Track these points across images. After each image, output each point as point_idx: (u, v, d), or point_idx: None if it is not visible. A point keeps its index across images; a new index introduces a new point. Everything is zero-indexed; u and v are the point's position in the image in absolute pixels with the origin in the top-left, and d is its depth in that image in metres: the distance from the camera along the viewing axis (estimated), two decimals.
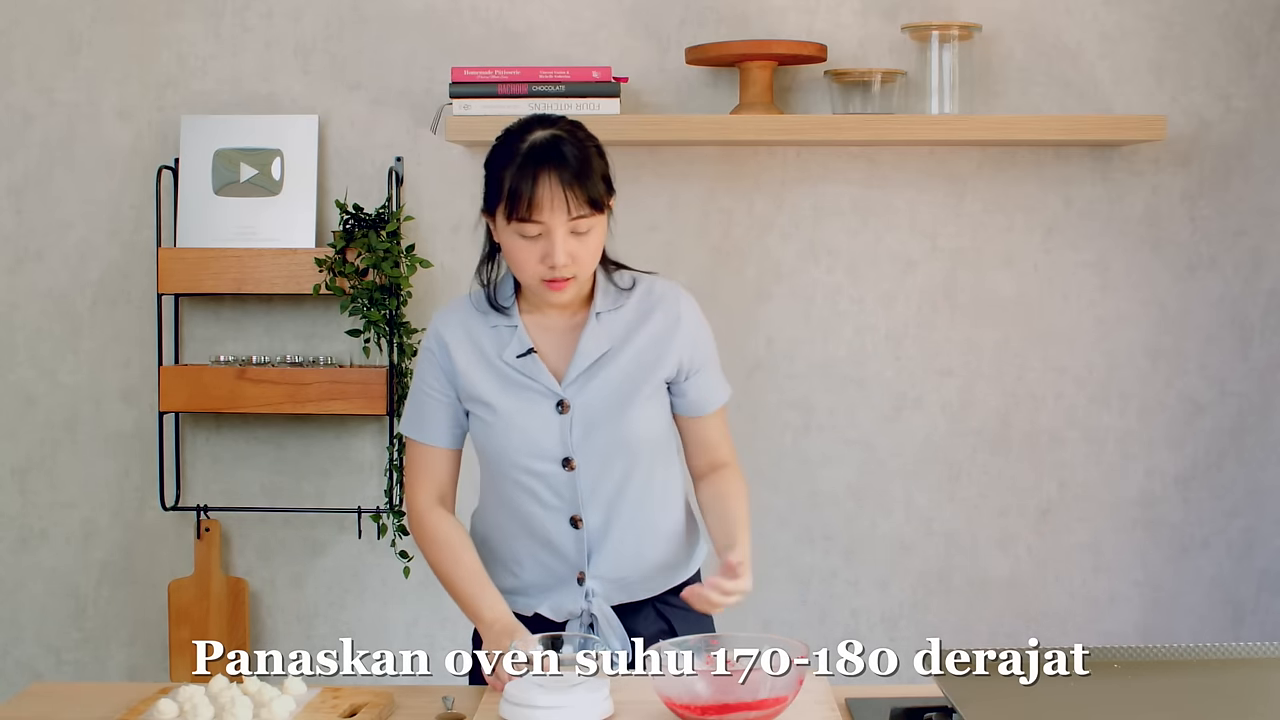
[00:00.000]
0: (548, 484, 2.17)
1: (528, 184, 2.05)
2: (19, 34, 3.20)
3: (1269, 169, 3.16)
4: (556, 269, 2.08)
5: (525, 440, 2.16)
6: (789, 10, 3.14)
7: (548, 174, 2.05)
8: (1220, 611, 3.22)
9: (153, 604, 3.27)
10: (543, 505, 2.19)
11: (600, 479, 2.17)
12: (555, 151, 2.07)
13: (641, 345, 2.18)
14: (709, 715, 1.83)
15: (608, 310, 2.18)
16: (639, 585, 2.24)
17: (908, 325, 3.20)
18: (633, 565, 2.22)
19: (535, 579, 2.23)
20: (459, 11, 3.16)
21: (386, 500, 3.18)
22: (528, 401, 2.16)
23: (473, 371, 2.18)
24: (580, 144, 2.10)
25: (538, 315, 2.20)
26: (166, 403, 3.13)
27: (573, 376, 2.16)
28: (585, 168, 2.07)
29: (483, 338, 2.19)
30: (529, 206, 2.06)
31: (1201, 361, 3.19)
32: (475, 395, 2.18)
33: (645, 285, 2.23)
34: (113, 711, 2.01)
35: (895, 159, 3.17)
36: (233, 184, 3.15)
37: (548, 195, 2.05)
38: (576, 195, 2.06)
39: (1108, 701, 1.90)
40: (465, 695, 2.09)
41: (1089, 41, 3.14)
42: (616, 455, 2.17)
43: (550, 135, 2.09)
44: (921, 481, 3.22)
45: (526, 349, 2.16)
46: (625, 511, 2.19)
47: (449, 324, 2.22)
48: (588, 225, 2.08)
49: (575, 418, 2.15)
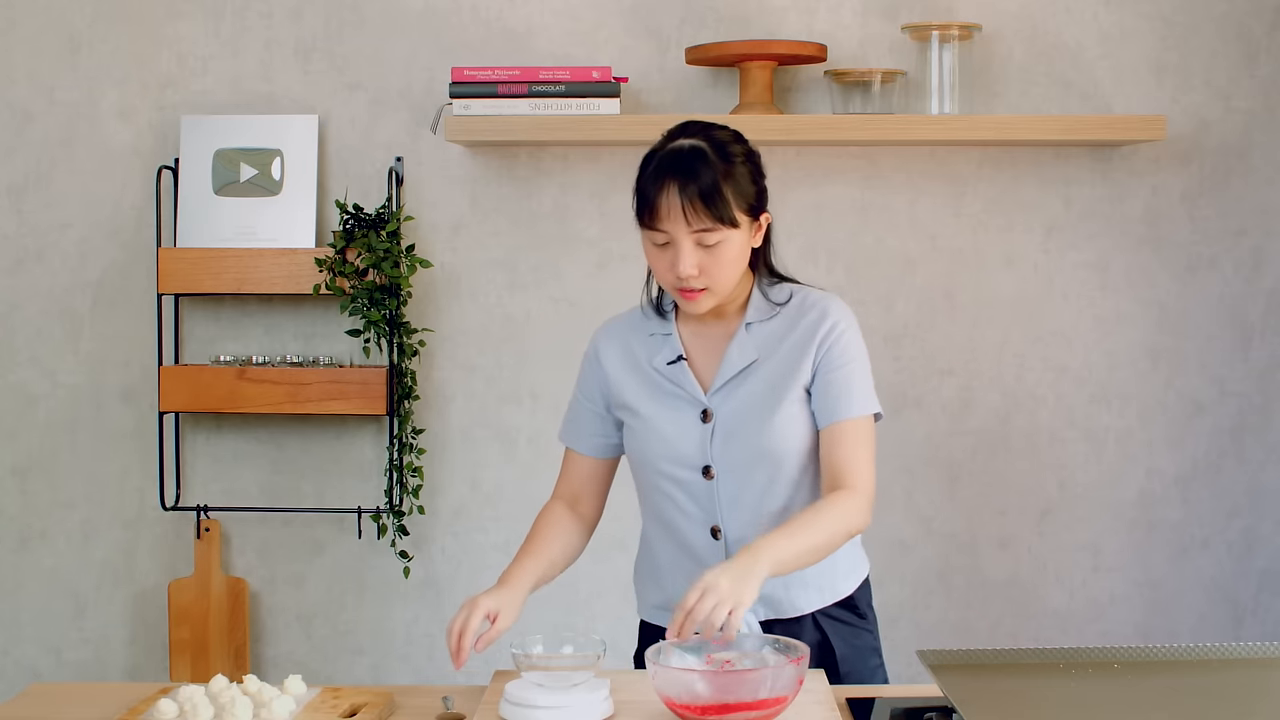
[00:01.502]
0: (688, 492, 2.16)
1: (651, 192, 2.06)
2: (19, 34, 3.20)
3: (1269, 169, 3.16)
4: (683, 279, 2.07)
5: (666, 446, 2.15)
6: (789, 10, 3.14)
7: (670, 184, 2.04)
8: (1220, 611, 3.22)
9: (153, 604, 3.27)
10: (684, 514, 2.17)
11: (741, 489, 2.14)
12: (683, 162, 2.05)
13: (786, 353, 2.14)
14: (709, 715, 1.83)
15: (759, 321, 2.16)
16: (785, 601, 2.18)
17: (908, 325, 3.20)
18: (783, 580, 2.15)
19: (683, 590, 2.10)
20: (459, 11, 3.16)
21: (386, 500, 3.18)
22: (672, 409, 2.16)
23: (624, 378, 2.20)
24: (718, 156, 2.06)
25: (694, 324, 2.19)
26: (166, 403, 3.13)
27: (718, 385, 2.14)
28: (711, 181, 2.04)
29: (638, 346, 2.21)
30: (652, 215, 2.06)
31: (1201, 361, 3.20)
32: (624, 402, 2.20)
33: (801, 297, 2.19)
34: (113, 711, 2.01)
35: (895, 159, 3.17)
36: (233, 184, 3.15)
37: (666, 205, 2.04)
38: (695, 209, 2.03)
39: (1108, 701, 1.90)
40: (465, 695, 2.09)
41: (1089, 41, 3.14)
42: (757, 466, 2.13)
43: (687, 145, 2.07)
44: (921, 481, 3.22)
45: (676, 356, 2.17)
46: (766, 523, 2.14)
47: (609, 333, 2.25)
48: (714, 239, 2.05)
49: (717, 426, 2.13)
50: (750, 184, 2.09)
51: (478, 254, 3.20)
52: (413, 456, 3.17)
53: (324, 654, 3.27)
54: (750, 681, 1.83)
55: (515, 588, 2.09)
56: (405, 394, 3.14)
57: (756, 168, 2.12)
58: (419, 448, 3.18)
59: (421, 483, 3.19)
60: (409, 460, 3.17)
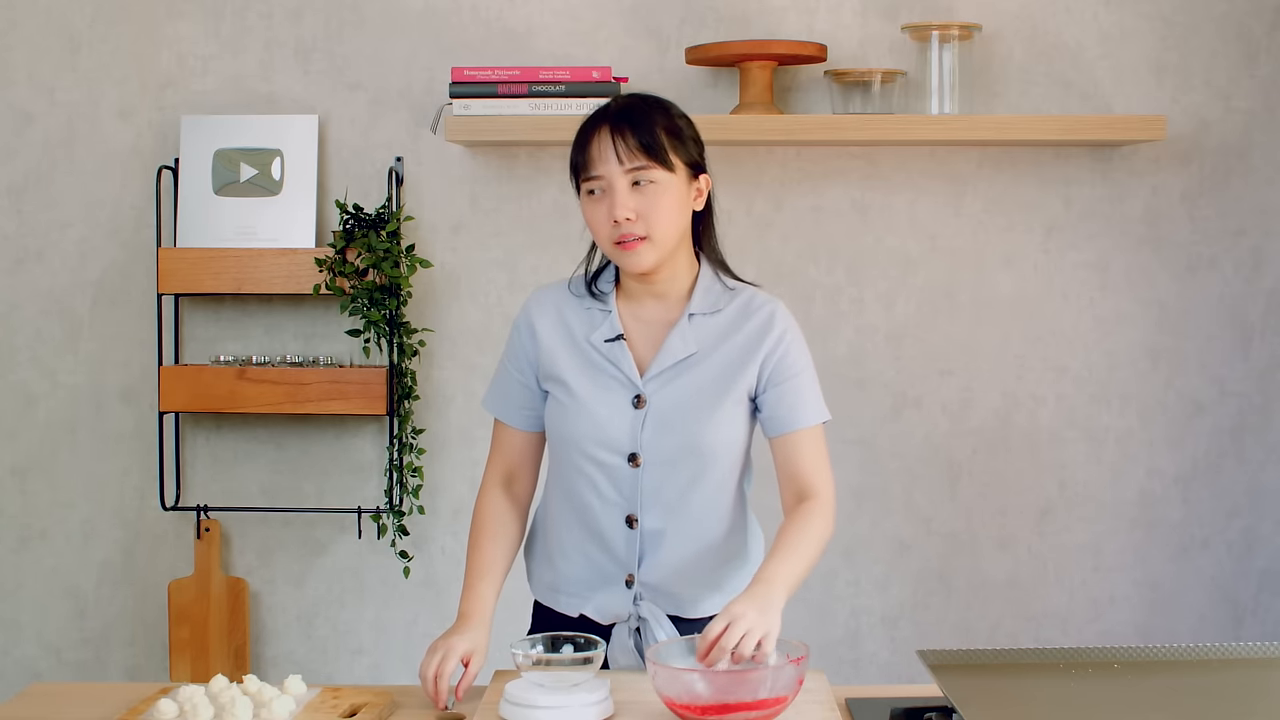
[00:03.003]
0: (610, 477, 2.13)
1: (585, 140, 2.08)
2: (19, 34, 3.20)
3: (1269, 169, 3.16)
4: (622, 226, 2.05)
5: (595, 428, 2.12)
6: (789, 10, 3.14)
7: (602, 127, 2.07)
8: (1220, 611, 3.22)
9: (153, 604, 3.27)
10: (601, 498, 2.14)
11: (664, 481, 2.12)
12: (610, 108, 2.10)
13: (728, 354, 2.13)
14: (709, 715, 1.83)
15: (702, 313, 2.14)
16: (688, 601, 2.17)
17: (908, 325, 3.20)
18: (684, 577, 2.15)
19: (582, 575, 2.17)
20: (459, 11, 3.16)
21: (386, 500, 3.18)
22: (605, 389, 2.13)
23: (557, 350, 2.16)
24: (650, 104, 2.10)
25: (634, 305, 2.17)
26: (166, 403, 3.13)
27: (654, 373, 2.12)
28: (640, 119, 2.07)
29: (573, 318, 2.17)
30: (587, 161, 2.08)
31: (1201, 361, 3.20)
32: (554, 374, 2.15)
33: (746, 296, 2.18)
34: (113, 711, 2.01)
35: (895, 159, 3.17)
36: (233, 184, 3.15)
37: (597, 147, 2.07)
38: (627, 143, 2.05)
39: (1108, 701, 1.90)
40: (465, 695, 2.09)
41: (1089, 41, 3.14)
42: (687, 459, 2.12)
43: (619, 99, 2.12)
44: (921, 481, 3.22)
45: (616, 334, 2.14)
46: (685, 520, 2.14)
47: (542, 301, 2.21)
48: (649, 177, 2.06)
49: (649, 415, 2.11)
50: (685, 134, 2.11)
51: (478, 254, 3.20)
52: (413, 456, 3.17)
53: (324, 654, 3.27)
54: (750, 681, 1.83)
55: (481, 624, 2.09)
56: (405, 394, 3.14)
57: (690, 125, 2.14)
58: (419, 448, 3.18)
59: (421, 483, 3.18)
60: (409, 460, 3.17)
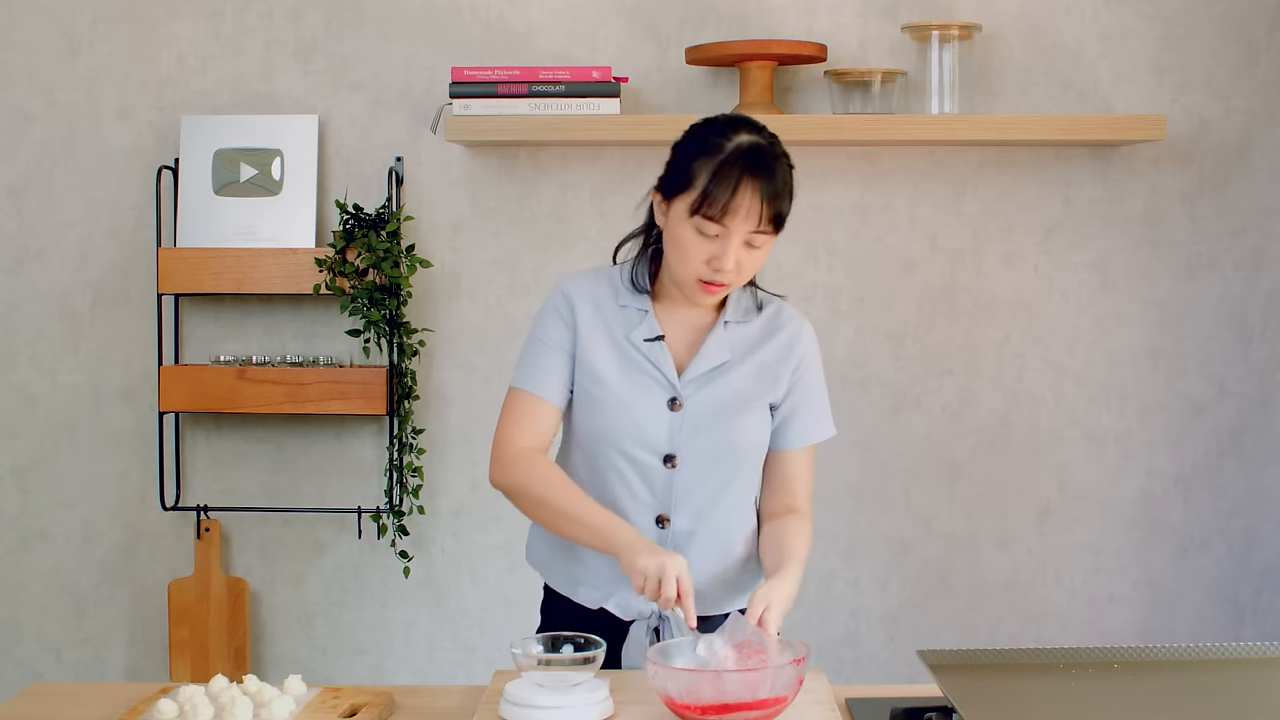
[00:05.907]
0: (643, 477, 2.14)
1: (728, 187, 2.00)
2: (19, 34, 3.20)
3: (1269, 169, 3.16)
4: (722, 274, 2.04)
5: (633, 427, 2.12)
6: (789, 10, 3.14)
7: (752, 182, 2.01)
8: (1220, 611, 3.22)
9: (153, 604, 3.27)
10: (633, 497, 2.14)
11: (697, 483, 2.14)
12: (762, 161, 2.02)
13: (759, 364, 2.16)
14: (709, 715, 1.83)
15: (735, 322, 2.16)
16: (710, 599, 2.17)
17: (908, 325, 3.20)
18: (710, 576, 2.17)
19: (607, 570, 2.16)
20: (459, 11, 3.16)
21: (386, 500, 3.18)
22: (642, 388, 2.12)
23: (595, 343, 2.14)
24: (783, 159, 2.06)
25: (668, 306, 2.16)
26: (166, 403, 3.13)
27: (692, 376, 2.13)
28: (785, 185, 2.05)
29: (610, 314, 2.15)
30: (724, 210, 2.01)
31: (1201, 361, 3.20)
32: (591, 367, 2.13)
33: (774, 307, 2.20)
34: (113, 711, 2.01)
35: (895, 159, 3.17)
36: (233, 184, 3.15)
37: (745, 204, 2.01)
38: (769, 211, 2.02)
39: (1108, 701, 1.90)
40: (465, 695, 2.09)
41: (1089, 41, 3.14)
42: (719, 463, 2.14)
43: (758, 142, 2.04)
44: (921, 481, 3.22)
45: (657, 335, 2.13)
46: (713, 522, 2.16)
47: (579, 290, 2.17)
48: (763, 240, 2.05)
49: (686, 417, 2.12)
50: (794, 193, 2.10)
51: (478, 254, 3.20)
52: (413, 456, 3.17)
53: (324, 654, 3.27)
54: (750, 681, 1.83)
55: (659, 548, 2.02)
56: (405, 394, 3.14)
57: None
58: (419, 448, 3.18)
59: (421, 483, 3.19)
60: (409, 460, 3.17)
